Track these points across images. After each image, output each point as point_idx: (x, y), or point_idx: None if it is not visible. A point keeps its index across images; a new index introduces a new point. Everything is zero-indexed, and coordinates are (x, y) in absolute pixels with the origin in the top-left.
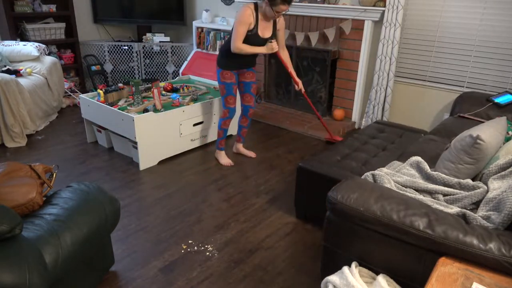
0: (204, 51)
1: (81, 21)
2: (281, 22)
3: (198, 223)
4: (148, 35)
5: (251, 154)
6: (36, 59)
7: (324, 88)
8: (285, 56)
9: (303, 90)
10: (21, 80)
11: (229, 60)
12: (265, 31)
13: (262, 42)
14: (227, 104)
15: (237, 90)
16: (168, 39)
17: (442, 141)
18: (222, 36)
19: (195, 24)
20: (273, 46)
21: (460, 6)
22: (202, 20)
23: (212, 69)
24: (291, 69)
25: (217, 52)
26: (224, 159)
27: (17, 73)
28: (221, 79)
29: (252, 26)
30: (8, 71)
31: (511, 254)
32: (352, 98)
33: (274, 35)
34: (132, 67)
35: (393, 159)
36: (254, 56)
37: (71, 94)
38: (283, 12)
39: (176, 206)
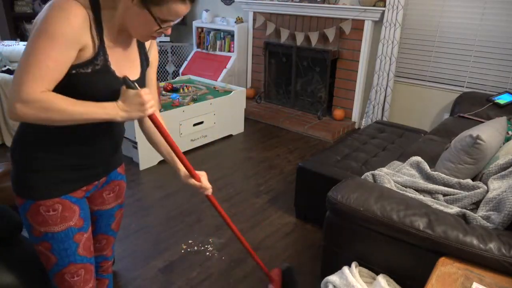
0: (204, 51)
1: None
2: (154, 49)
3: (197, 223)
4: None
5: None
6: None
7: (324, 88)
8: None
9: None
10: None
11: (49, 157)
12: (124, 65)
13: (117, 89)
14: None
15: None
16: (168, 39)
17: (442, 141)
18: (222, 36)
19: (195, 24)
20: (145, 98)
21: (460, 6)
22: (202, 20)
23: (211, 69)
24: (174, 144)
25: (217, 52)
26: None
27: None
28: (37, 227)
29: (91, 52)
30: (8, 71)
31: (511, 254)
32: (352, 98)
33: (144, 76)
34: None
35: (393, 159)
36: (112, 136)
37: None
38: (173, 23)
39: (175, 206)
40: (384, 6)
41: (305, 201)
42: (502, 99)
